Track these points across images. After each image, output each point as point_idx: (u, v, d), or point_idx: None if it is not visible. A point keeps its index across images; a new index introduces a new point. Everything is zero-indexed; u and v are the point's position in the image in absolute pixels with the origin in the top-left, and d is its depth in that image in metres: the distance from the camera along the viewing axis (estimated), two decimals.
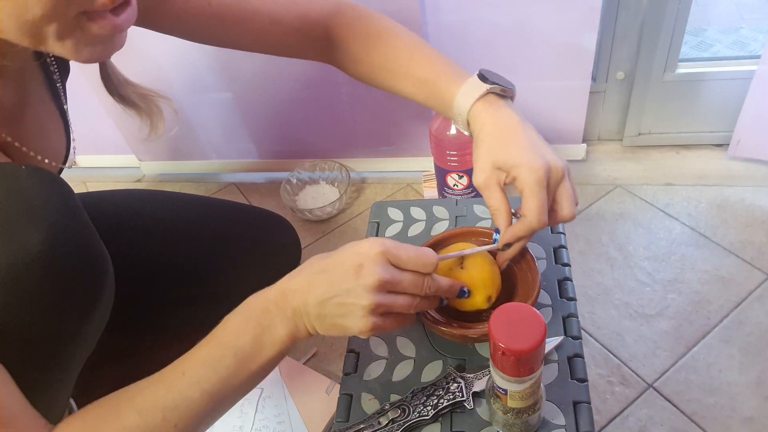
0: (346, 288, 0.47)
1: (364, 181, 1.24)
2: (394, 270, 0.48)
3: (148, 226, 0.86)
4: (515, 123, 0.56)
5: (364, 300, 0.47)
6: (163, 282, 0.86)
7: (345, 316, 0.48)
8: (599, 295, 0.91)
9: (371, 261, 0.47)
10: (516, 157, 0.53)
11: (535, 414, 0.49)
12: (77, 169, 1.42)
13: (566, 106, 1.07)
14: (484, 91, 0.57)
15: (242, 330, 0.48)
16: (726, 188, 1.05)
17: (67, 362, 0.52)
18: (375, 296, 0.47)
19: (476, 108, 0.58)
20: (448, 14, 0.97)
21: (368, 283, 0.47)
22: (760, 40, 1.53)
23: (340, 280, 0.48)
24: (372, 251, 0.48)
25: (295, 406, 0.81)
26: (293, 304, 0.49)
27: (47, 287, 0.47)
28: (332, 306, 0.48)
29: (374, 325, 0.47)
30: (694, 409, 0.76)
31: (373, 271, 0.47)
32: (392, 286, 0.48)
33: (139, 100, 0.64)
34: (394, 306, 0.48)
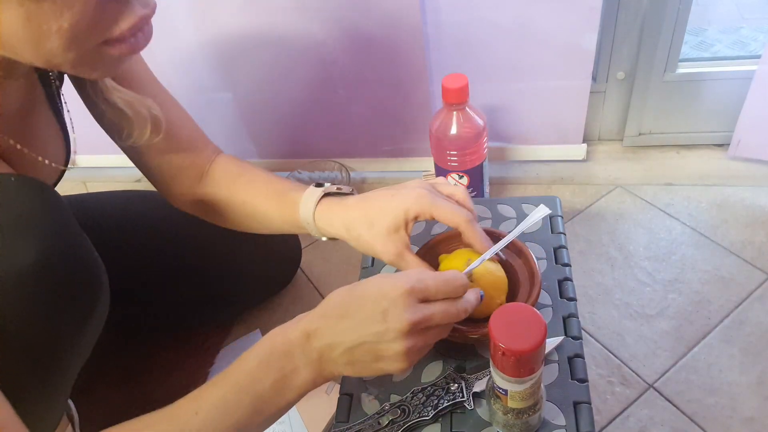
0: (375, 333, 0.45)
1: (364, 181, 1.24)
2: (423, 308, 0.46)
3: (147, 227, 0.86)
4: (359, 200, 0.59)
5: (397, 345, 0.45)
6: (163, 283, 0.86)
7: (380, 360, 0.46)
8: (599, 295, 0.91)
9: (395, 305, 0.45)
10: (397, 208, 0.55)
11: (535, 414, 0.49)
12: (77, 169, 1.42)
13: (566, 106, 1.06)
14: (320, 194, 0.60)
15: (262, 374, 0.46)
16: (726, 188, 1.05)
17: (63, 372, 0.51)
18: (408, 340, 0.45)
19: (318, 212, 0.60)
20: (448, 14, 0.97)
21: (398, 328, 0.45)
22: (760, 40, 1.53)
23: (366, 327, 0.45)
24: (395, 293, 0.45)
25: (295, 407, 0.81)
26: (317, 348, 0.46)
27: (40, 300, 0.45)
28: (363, 353, 0.46)
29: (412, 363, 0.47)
30: (695, 409, 0.76)
31: (401, 317, 0.45)
32: (424, 323, 0.46)
33: (126, 107, 0.64)
34: (429, 342, 0.47)
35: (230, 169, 0.71)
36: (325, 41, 1.02)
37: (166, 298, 0.88)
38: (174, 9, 1.02)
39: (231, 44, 1.06)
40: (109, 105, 0.64)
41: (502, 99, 1.07)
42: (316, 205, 0.61)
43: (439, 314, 0.46)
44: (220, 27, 1.04)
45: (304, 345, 0.46)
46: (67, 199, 0.86)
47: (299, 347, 0.46)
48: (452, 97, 0.88)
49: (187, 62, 1.11)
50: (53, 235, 0.47)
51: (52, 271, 0.46)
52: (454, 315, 0.47)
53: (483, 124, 0.92)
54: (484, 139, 0.94)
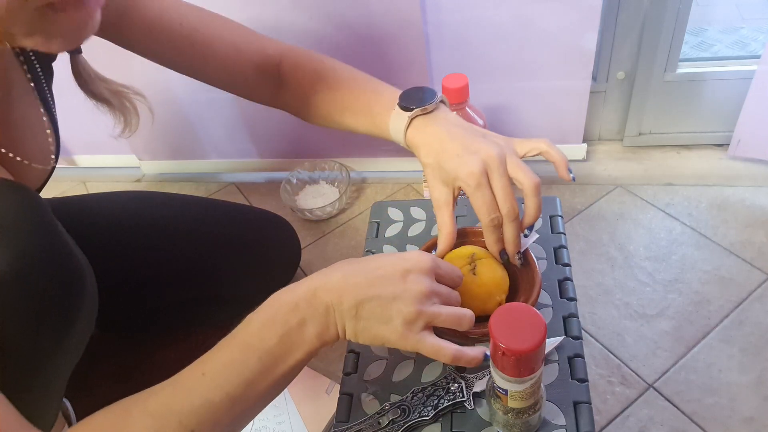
0: (392, 292, 0.45)
1: (364, 181, 1.24)
2: (438, 284, 0.48)
3: (147, 227, 0.86)
4: (442, 135, 0.57)
5: (409, 307, 0.45)
6: (163, 283, 0.86)
7: (383, 323, 0.46)
8: (599, 295, 0.91)
9: (419, 269, 0.47)
10: (453, 170, 0.54)
11: (535, 414, 0.49)
12: (77, 169, 1.42)
13: (567, 106, 1.07)
14: (406, 120, 0.58)
15: (268, 329, 0.45)
16: (726, 188, 1.05)
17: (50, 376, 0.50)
18: (422, 303, 0.45)
19: (408, 137, 0.59)
20: (449, 14, 0.97)
21: (417, 289, 0.46)
22: (760, 40, 1.53)
23: (385, 283, 0.46)
24: (422, 262, 0.47)
25: (295, 406, 0.81)
26: (326, 301, 0.46)
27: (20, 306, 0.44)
28: (372, 308, 0.46)
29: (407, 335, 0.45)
30: (694, 409, 0.76)
31: (422, 281, 0.46)
32: (438, 296, 0.47)
33: (112, 97, 0.63)
34: (439, 317, 0.47)
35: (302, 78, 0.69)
36: (324, 41, 1.02)
37: (165, 298, 0.88)
38: None
39: None
40: (95, 96, 0.63)
41: (502, 99, 1.07)
42: (405, 131, 0.59)
43: (446, 293, 0.48)
44: None
45: (311, 299, 0.46)
46: (65, 200, 0.87)
47: (305, 301, 0.46)
48: (452, 97, 0.88)
49: None
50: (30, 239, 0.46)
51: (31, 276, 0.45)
52: (460, 315, 0.48)
53: (483, 124, 0.92)
54: None
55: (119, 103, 0.65)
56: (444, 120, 0.58)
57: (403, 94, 0.60)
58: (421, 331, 0.46)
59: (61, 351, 0.49)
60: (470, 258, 0.57)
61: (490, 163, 0.53)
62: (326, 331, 0.46)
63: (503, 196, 0.53)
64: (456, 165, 0.54)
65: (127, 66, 0.74)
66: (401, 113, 0.59)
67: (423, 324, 0.46)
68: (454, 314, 0.47)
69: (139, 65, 1.12)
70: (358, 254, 1.07)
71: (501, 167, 0.53)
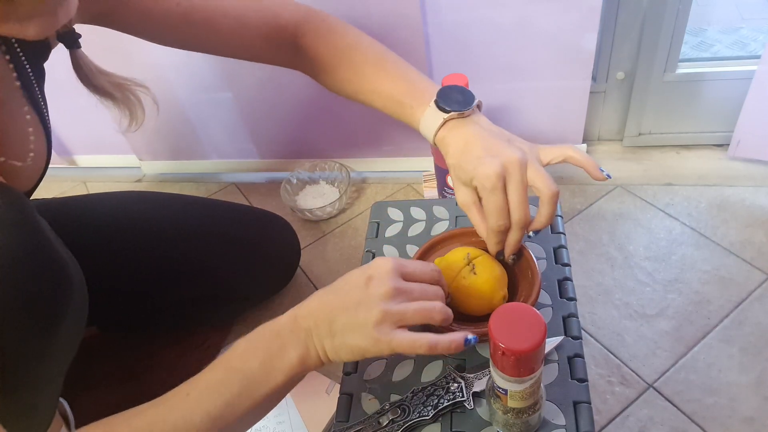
0: (356, 300, 0.46)
1: (364, 181, 1.24)
2: (405, 282, 0.48)
3: (147, 227, 0.86)
4: (471, 136, 0.56)
5: (374, 309, 0.45)
6: (163, 283, 0.86)
7: (354, 332, 0.46)
8: (599, 295, 0.91)
9: (379, 273, 0.47)
10: (471, 171, 0.54)
11: (535, 414, 0.49)
12: (78, 169, 1.42)
13: (566, 106, 1.07)
14: (441, 121, 0.58)
15: (251, 354, 0.47)
16: (726, 188, 1.05)
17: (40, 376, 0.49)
18: (385, 304, 0.46)
19: (439, 136, 0.59)
20: (448, 14, 0.97)
21: (379, 292, 0.46)
22: (760, 40, 1.53)
23: (349, 295, 0.47)
24: (383, 265, 0.48)
25: (295, 406, 0.81)
26: (305, 327, 0.47)
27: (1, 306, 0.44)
28: (342, 322, 0.46)
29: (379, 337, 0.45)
30: (694, 409, 0.76)
31: (384, 282, 0.46)
32: (404, 294, 0.47)
33: (114, 90, 0.63)
34: (406, 313, 0.46)
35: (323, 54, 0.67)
36: None
37: (166, 298, 0.88)
38: None
39: None
40: (97, 90, 0.62)
41: (502, 99, 1.07)
42: (437, 131, 0.59)
43: (418, 289, 0.48)
44: None
45: (292, 325, 0.48)
46: (66, 201, 0.87)
47: (287, 327, 0.48)
48: None
49: (188, 62, 1.11)
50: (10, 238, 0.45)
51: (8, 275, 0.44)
52: (431, 294, 0.49)
53: None
54: None
55: (123, 96, 0.64)
56: (475, 123, 0.58)
57: (442, 93, 0.59)
58: (392, 331, 0.46)
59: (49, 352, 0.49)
60: (466, 259, 0.57)
61: (509, 168, 0.53)
62: (307, 355, 0.47)
63: (517, 203, 0.53)
64: (474, 166, 0.54)
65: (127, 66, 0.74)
66: (437, 113, 0.58)
67: (392, 324, 0.46)
68: (422, 308, 0.47)
69: (138, 65, 1.13)
70: (358, 254, 1.07)
71: (520, 173, 0.53)
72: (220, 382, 0.46)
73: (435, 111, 0.59)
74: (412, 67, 0.65)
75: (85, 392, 0.88)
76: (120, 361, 0.93)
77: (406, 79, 0.63)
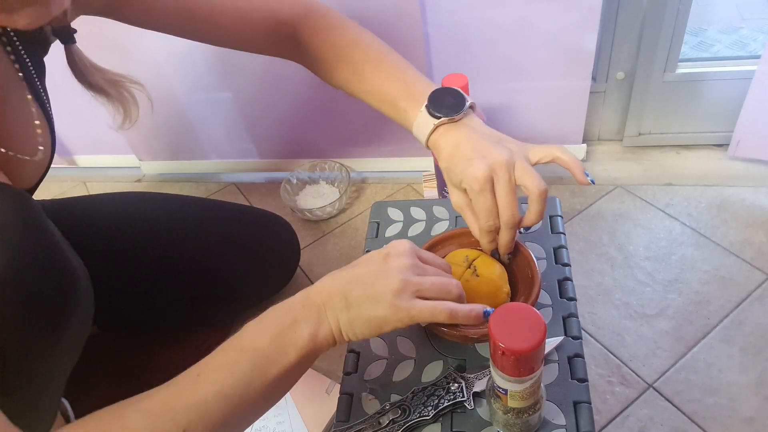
0: (373, 273, 0.47)
1: (364, 181, 1.24)
2: (421, 263, 0.49)
3: (147, 227, 0.86)
4: (462, 139, 0.57)
5: (392, 280, 0.46)
6: (163, 283, 0.86)
7: (372, 302, 0.46)
8: (599, 295, 0.91)
9: (397, 251, 0.48)
10: (460, 173, 0.55)
11: (535, 414, 0.49)
12: (77, 169, 1.42)
13: (566, 106, 1.07)
14: (432, 126, 0.58)
15: (261, 331, 0.46)
16: (726, 188, 1.05)
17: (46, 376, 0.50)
18: (404, 274, 0.46)
19: (431, 141, 0.60)
20: (448, 14, 0.97)
21: (398, 265, 0.47)
22: (760, 40, 1.53)
23: (366, 269, 0.47)
24: (401, 245, 0.49)
25: (295, 406, 0.81)
26: (317, 301, 0.47)
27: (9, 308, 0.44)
28: (359, 294, 0.46)
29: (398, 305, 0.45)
30: (694, 409, 0.76)
31: (401, 258, 0.47)
32: (421, 270, 0.48)
33: (109, 87, 0.63)
34: (424, 284, 0.47)
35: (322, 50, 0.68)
36: None
37: (166, 298, 0.88)
38: None
39: None
40: (91, 87, 0.62)
41: (502, 99, 1.07)
42: (429, 135, 0.59)
43: (432, 272, 0.49)
44: None
45: (303, 301, 0.47)
46: (66, 201, 0.87)
47: (298, 303, 0.47)
48: None
49: (187, 62, 1.11)
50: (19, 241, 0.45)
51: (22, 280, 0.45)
52: (446, 282, 0.49)
53: None
54: None
55: (117, 92, 0.64)
56: (465, 126, 0.58)
57: (433, 97, 0.59)
58: (412, 299, 0.46)
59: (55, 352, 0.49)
60: (465, 260, 0.57)
61: (496, 169, 0.53)
62: (319, 330, 0.46)
63: (505, 203, 0.54)
64: (463, 168, 0.55)
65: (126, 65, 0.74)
66: (429, 118, 0.59)
67: (411, 293, 0.46)
68: (440, 282, 0.48)
69: (137, 64, 1.13)
70: (358, 254, 1.07)
71: (507, 173, 0.53)
72: (232, 361, 0.45)
73: (426, 116, 0.59)
74: (411, 66, 0.65)
75: (86, 392, 0.88)
76: (120, 361, 0.93)
77: (403, 81, 0.63)
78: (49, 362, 0.49)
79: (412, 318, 0.46)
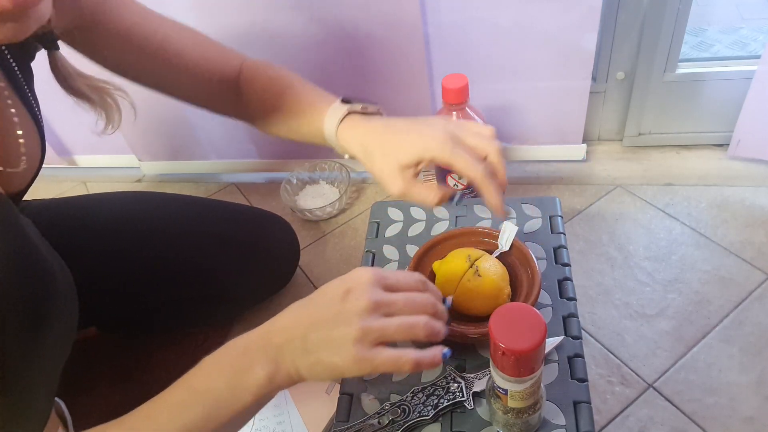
0: (332, 315, 0.43)
1: (364, 181, 1.24)
2: (386, 293, 0.45)
3: (147, 227, 0.86)
4: (383, 125, 0.57)
5: (352, 325, 0.42)
6: (162, 283, 0.86)
7: (331, 349, 0.43)
8: (599, 295, 0.91)
9: (358, 286, 0.44)
10: (416, 143, 0.53)
11: (535, 414, 0.49)
12: (77, 169, 1.42)
13: (566, 106, 1.07)
14: (345, 111, 0.59)
15: (215, 373, 0.44)
16: (726, 188, 1.05)
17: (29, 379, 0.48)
18: (364, 320, 0.42)
19: (341, 129, 0.59)
20: (448, 14, 0.97)
21: (357, 306, 0.43)
22: (760, 40, 1.53)
23: (326, 309, 0.44)
24: (361, 276, 0.45)
25: (295, 406, 0.81)
26: (276, 342, 0.44)
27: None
28: (318, 338, 0.43)
29: (359, 356, 0.42)
30: (694, 409, 0.76)
31: (362, 295, 0.43)
32: (385, 307, 0.44)
33: (92, 93, 0.62)
34: (388, 330, 0.43)
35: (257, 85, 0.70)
36: (325, 41, 1.02)
37: (165, 298, 0.88)
38: (174, 8, 1.02)
39: (231, 44, 1.05)
40: (74, 92, 0.62)
41: (502, 99, 1.07)
42: (339, 122, 0.59)
43: (401, 300, 0.45)
44: (220, 26, 1.04)
45: (262, 341, 0.45)
46: (65, 201, 0.87)
47: (257, 344, 0.45)
48: (452, 97, 0.88)
49: None
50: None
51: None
52: (418, 304, 0.46)
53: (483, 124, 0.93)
54: None
55: (100, 99, 0.64)
56: (378, 119, 0.59)
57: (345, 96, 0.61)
58: (373, 349, 0.43)
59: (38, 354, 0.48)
60: (468, 261, 0.57)
61: (449, 127, 0.53)
62: (277, 373, 0.44)
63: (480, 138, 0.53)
64: (419, 137, 0.53)
65: None
66: (340, 106, 0.59)
67: (372, 341, 0.43)
68: (405, 323, 0.44)
69: None
70: (358, 254, 1.07)
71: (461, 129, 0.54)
72: (184, 403, 0.43)
73: (339, 105, 0.60)
74: None
75: (84, 393, 0.88)
76: (119, 362, 0.93)
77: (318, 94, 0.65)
78: (33, 365, 0.48)
79: (375, 369, 0.43)
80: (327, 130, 0.61)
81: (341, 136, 0.59)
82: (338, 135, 0.60)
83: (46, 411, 0.50)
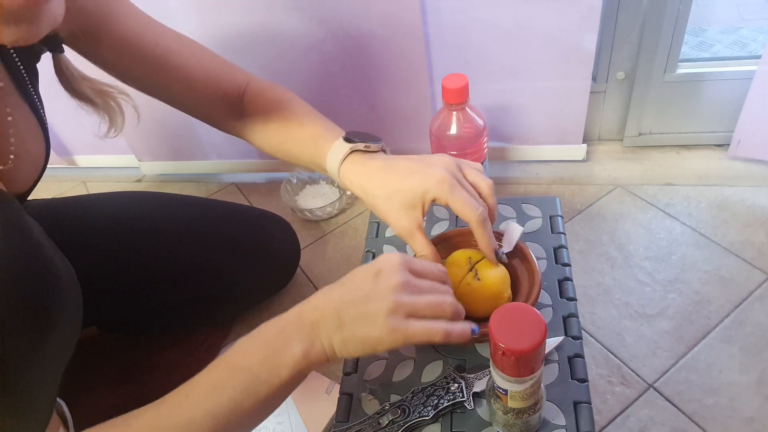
0: (365, 293, 0.46)
1: None
2: (414, 277, 0.48)
3: (147, 227, 0.86)
4: (385, 165, 0.58)
5: (385, 301, 0.45)
6: (162, 283, 0.86)
7: (365, 323, 0.45)
8: (599, 295, 0.91)
9: (388, 267, 0.47)
10: (418, 185, 0.54)
11: (535, 414, 0.49)
12: (77, 169, 1.42)
13: (566, 106, 1.07)
14: (348, 151, 0.60)
15: (253, 351, 0.46)
16: (726, 188, 1.05)
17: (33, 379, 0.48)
18: (397, 295, 0.45)
19: (344, 168, 0.60)
20: (448, 14, 0.97)
21: (389, 283, 0.46)
22: (760, 40, 1.53)
23: (358, 287, 0.47)
24: (391, 260, 0.48)
25: (295, 406, 0.81)
26: (310, 320, 0.47)
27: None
28: (351, 314, 0.46)
29: (393, 327, 0.45)
30: (695, 409, 0.76)
31: (393, 275, 0.46)
32: (413, 288, 0.47)
33: (95, 96, 0.63)
34: (418, 304, 0.46)
35: (261, 107, 0.70)
36: (325, 41, 1.02)
37: (166, 298, 0.88)
38: (175, 8, 1.02)
39: (231, 43, 1.06)
40: (78, 95, 0.62)
41: (502, 99, 1.07)
42: (341, 162, 0.60)
43: (427, 286, 0.48)
44: (220, 26, 1.04)
45: (297, 320, 0.47)
46: (65, 201, 0.87)
47: (292, 323, 0.47)
48: (452, 97, 0.88)
49: None
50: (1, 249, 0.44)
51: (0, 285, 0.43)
52: (442, 292, 0.48)
53: (483, 124, 0.92)
54: (484, 139, 0.94)
55: (103, 102, 0.64)
56: (381, 157, 0.60)
57: (349, 132, 0.62)
58: (406, 320, 0.45)
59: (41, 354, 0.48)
60: (469, 263, 0.57)
61: (451, 168, 0.54)
62: (312, 349, 0.46)
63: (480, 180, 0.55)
64: (420, 179, 0.54)
65: None
66: (343, 144, 0.60)
67: (404, 314, 0.45)
68: (434, 301, 0.47)
69: None
70: (358, 254, 1.07)
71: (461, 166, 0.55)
72: (222, 381, 0.45)
73: (342, 143, 0.61)
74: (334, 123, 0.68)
75: (85, 393, 0.88)
76: (120, 362, 0.93)
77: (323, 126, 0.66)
78: (36, 365, 0.48)
79: (408, 339, 0.45)
80: (329, 167, 0.62)
81: (343, 175, 0.61)
82: (340, 174, 0.61)
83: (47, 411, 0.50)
